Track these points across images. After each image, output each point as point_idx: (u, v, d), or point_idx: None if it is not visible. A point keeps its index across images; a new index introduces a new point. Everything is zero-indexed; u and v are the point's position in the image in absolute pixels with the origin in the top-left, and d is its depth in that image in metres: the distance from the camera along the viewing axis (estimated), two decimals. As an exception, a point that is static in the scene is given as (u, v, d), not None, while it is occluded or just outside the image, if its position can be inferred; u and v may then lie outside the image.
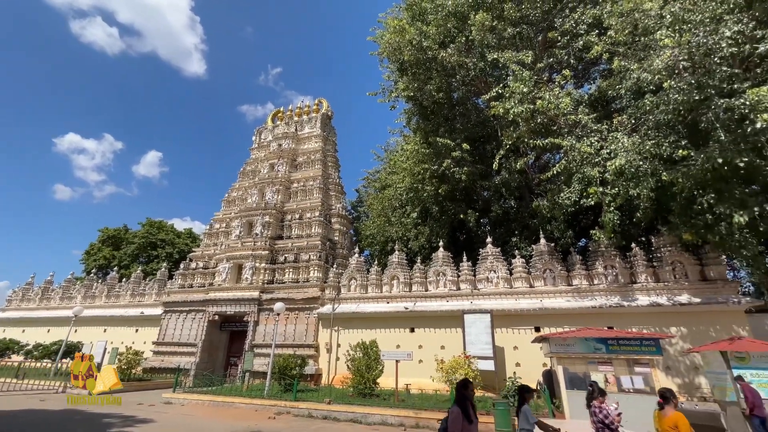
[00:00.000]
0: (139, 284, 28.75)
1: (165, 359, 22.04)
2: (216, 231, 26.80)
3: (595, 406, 6.10)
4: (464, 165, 19.31)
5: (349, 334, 19.14)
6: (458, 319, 16.41)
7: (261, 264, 22.69)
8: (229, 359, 22.71)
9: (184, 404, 14.05)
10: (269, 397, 14.07)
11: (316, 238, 23.37)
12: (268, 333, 20.43)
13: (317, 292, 20.81)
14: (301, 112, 31.29)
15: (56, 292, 31.32)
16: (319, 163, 27.42)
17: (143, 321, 25.70)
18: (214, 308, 22.19)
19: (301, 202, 25.62)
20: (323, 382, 18.41)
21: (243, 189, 28.18)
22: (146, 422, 10.49)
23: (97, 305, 28.24)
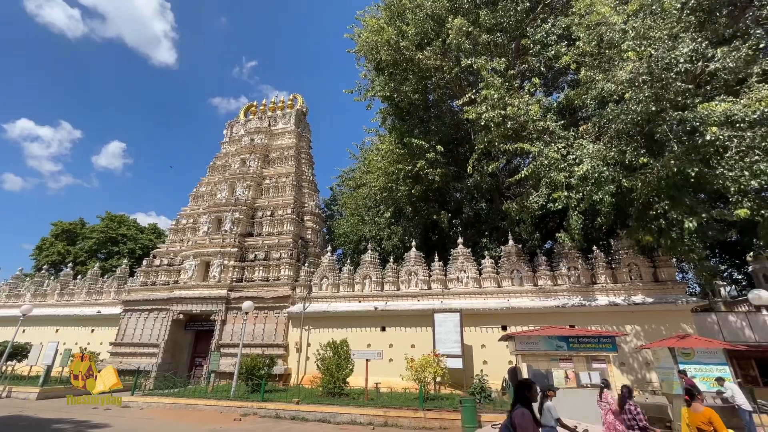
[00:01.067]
0: (96, 282, 27.19)
1: (123, 360, 20.95)
2: (183, 227, 25.77)
3: (630, 404, 6.52)
4: (438, 166, 19.58)
5: (319, 333, 18.95)
6: (429, 318, 16.63)
7: (230, 261, 22.05)
8: (194, 360, 21.91)
9: (143, 408, 13.42)
10: (235, 398, 13.70)
11: (287, 236, 22.97)
12: (236, 332, 19.88)
13: (288, 291, 20.46)
14: (275, 107, 30.63)
15: (2, 289, 29.05)
16: (293, 160, 26.96)
17: (100, 321, 24.33)
18: (179, 307, 21.34)
19: (273, 199, 25.10)
20: (292, 382, 18.13)
21: (212, 184, 27.24)
22: (101, 427, 9.93)
23: (49, 304, 26.46)
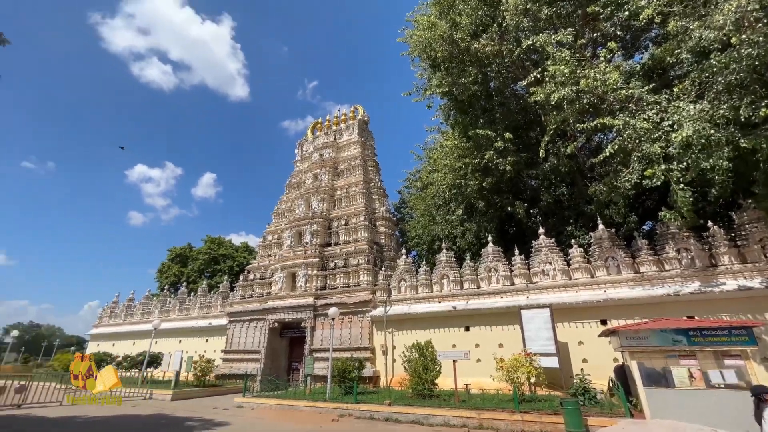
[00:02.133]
0: (206, 297, 31.02)
1: (233, 366, 23.53)
2: (269, 243, 28.19)
3: None
4: (508, 155, 18.58)
5: (402, 335, 19.15)
6: (515, 315, 15.76)
7: (313, 271, 23.48)
8: (291, 364, 23.71)
9: (254, 408, 14.87)
10: (331, 400, 14.46)
11: (362, 243, 23.73)
12: (324, 337, 21.05)
13: (368, 296, 21.08)
14: (339, 120, 32.05)
15: (137, 308, 34.75)
16: (360, 169, 27.87)
17: (211, 331, 27.66)
18: (273, 316, 23.31)
19: (346, 209, 26.18)
20: (381, 384, 18.57)
21: (290, 201, 29.40)
22: (223, 425, 11.28)
23: (172, 318, 30.87)
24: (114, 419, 12.31)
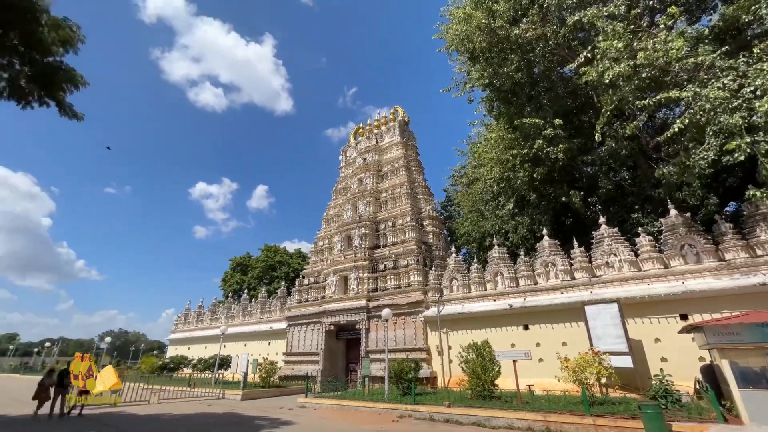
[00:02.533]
0: (266, 303, 32.78)
1: (294, 368, 24.61)
2: (320, 248, 29.15)
3: None
4: (559, 143, 17.53)
5: (457, 335, 18.79)
6: (577, 311, 14.79)
7: (363, 274, 23.86)
8: (348, 365, 24.26)
9: (317, 408, 15.40)
10: (389, 400, 14.56)
11: (410, 243, 23.68)
12: (379, 339, 21.27)
13: (420, 296, 20.97)
14: (379, 123, 32.35)
15: (206, 314, 37.63)
16: (404, 170, 27.88)
17: (272, 335, 29.15)
18: (329, 319, 24.03)
19: (392, 210, 26.31)
20: (439, 385, 18.34)
21: (338, 206, 30.18)
22: (289, 424, 11.82)
23: (237, 323, 33.02)
24: (194, 417, 13.44)
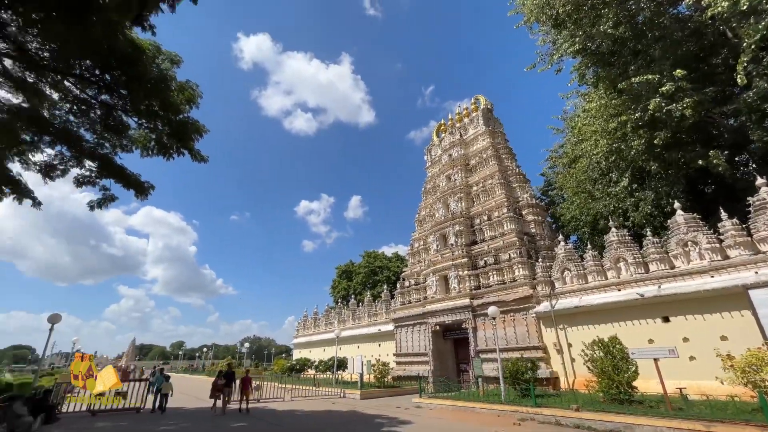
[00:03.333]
0: (371, 306, 34.34)
1: (406, 368, 25.13)
2: (417, 249, 29.40)
3: None
4: (683, 96, 14.61)
5: (577, 331, 16.92)
6: (738, 297, 12.00)
7: (463, 272, 23.25)
8: (458, 365, 23.82)
9: (432, 408, 15.43)
10: (507, 402, 13.79)
11: (510, 236, 22.28)
12: (489, 338, 20.41)
13: (528, 291, 19.52)
14: (461, 116, 31.41)
15: (321, 320, 41.12)
16: (493, 159, 26.50)
17: (381, 336, 30.32)
18: (434, 319, 23.98)
19: (486, 203, 25.17)
20: (562, 386, 16.71)
21: (429, 206, 30.11)
22: (408, 423, 12.08)
23: (348, 327, 35.28)
24: (322, 413, 14.75)
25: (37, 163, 13.72)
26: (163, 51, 12.83)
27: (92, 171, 14.07)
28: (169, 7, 9.69)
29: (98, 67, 11.64)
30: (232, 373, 15.40)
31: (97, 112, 13.20)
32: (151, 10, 9.50)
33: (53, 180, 13.93)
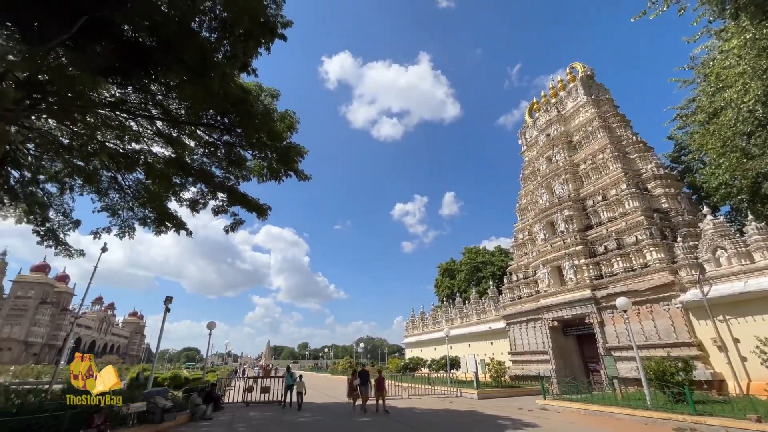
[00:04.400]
0: (479, 303, 33.25)
1: (524, 367, 23.59)
2: (521, 241, 27.49)
3: None
4: None
5: (745, 323, 13.70)
6: None
7: (579, 261, 20.88)
8: (586, 365, 21.40)
9: (560, 411, 14.15)
10: (655, 408, 11.82)
11: (635, 215, 19.23)
12: (620, 333, 17.90)
13: (667, 277, 16.54)
14: (556, 91, 28.46)
15: (429, 319, 41.40)
16: (601, 131, 23.31)
17: (492, 334, 29.09)
18: (550, 314, 22.04)
19: (598, 182, 22.24)
20: (731, 391, 13.64)
21: (529, 193, 27.93)
22: (533, 426, 11.30)
23: (456, 326, 34.77)
24: (441, 412, 14.78)
25: (185, 200, 16.93)
26: (264, 88, 14.62)
27: (224, 201, 16.73)
28: (265, 50, 11.01)
29: (219, 113, 13.83)
30: (366, 372, 15.25)
31: (221, 151, 15.70)
32: (252, 56, 10.94)
33: (198, 212, 17.02)
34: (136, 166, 15.15)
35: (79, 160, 14.65)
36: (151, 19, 10.08)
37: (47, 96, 11.50)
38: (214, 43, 10.90)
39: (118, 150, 14.78)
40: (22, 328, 70.91)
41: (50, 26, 10.21)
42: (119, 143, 14.96)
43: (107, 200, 16.46)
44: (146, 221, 16.80)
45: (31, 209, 15.61)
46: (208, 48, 10.53)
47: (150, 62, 11.25)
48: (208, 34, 11.09)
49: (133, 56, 11.02)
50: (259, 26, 10.28)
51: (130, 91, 13.42)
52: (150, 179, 15.30)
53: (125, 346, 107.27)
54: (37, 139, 14.51)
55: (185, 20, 10.07)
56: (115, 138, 14.76)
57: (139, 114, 14.03)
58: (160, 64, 10.99)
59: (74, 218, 16.77)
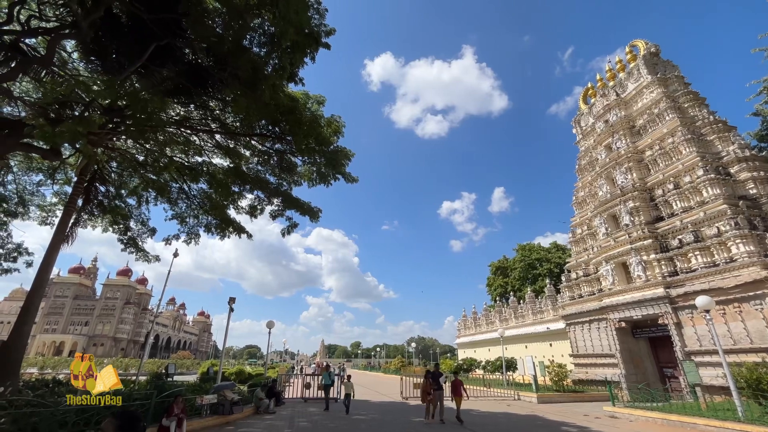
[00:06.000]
0: (535, 303, 31.71)
1: (588, 371, 22.05)
2: (580, 236, 25.77)
3: None
4: None
5: None
6: None
7: (649, 256, 19.09)
8: (661, 370, 19.49)
9: (632, 420, 13.03)
10: (749, 420, 10.44)
11: (716, 203, 17.18)
12: (702, 336, 16.08)
13: (759, 273, 14.57)
14: (614, 73, 26.32)
15: (481, 319, 40.26)
16: (670, 112, 21.14)
17: (551, 335, 27.57)
18: (616, 315, 20.39)
19: (668, 169, 20.18)
20: None
21: (587, 185, 26.10)
22: (600, 435, 10.52)
23: (511, 326, 33.45)
24: (499, 415, 14.27)
25: (243, 207, 18.08)
26: (311, 95, 15.16)
27: (279, 206, 17.61)
28: (310, 59, 11.42)
29: (270, 123, 14.59)
30: (440, 373, 12.68)
31: (274, 159, 16.54)
32: (299, 66, 11.40)
33: (256, 218, 18.07)
34: (201, 177, 16.47)
35: (153, 174, 16.24)
36: (208, 41, 10.91)
37: (125, 119, 12.90)
38: (263, 57, 11.53)
39: (183, 163, 16.18)
40: (112, 326, 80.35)
41: (125, 56, 11.46)
42: (184, 157, 16.38)
43: (177, 209, 18.08)
44: (210, 228, 18.19)
45: (116, 220, 17.61)
46: (258, 62, 11.16)
47: (208, 80, 12.18)
48: (258, 49, 11.76)
49: (194, 76, 12.01)
50: (304, 37, 10.68)
51: (192, 108, 14.63)
52: (213, 188, 16.57)
53: (195, 342, 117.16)
54: (118, 158, 16.34)
55: (237, 38, 10.76)
56: (181, 152, 16.18)
57: (200, 129, 15.26)
58: (217, 81, 11.86)
59: (151, 227, 18.66)
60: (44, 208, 17.36)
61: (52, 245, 12.95)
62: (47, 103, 10.60)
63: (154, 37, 10.53)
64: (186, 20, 10.44)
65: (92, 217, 17.27)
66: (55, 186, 17.19)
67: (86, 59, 12.66)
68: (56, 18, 11.35)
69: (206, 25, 10.64)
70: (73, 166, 16.02)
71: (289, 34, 10.04)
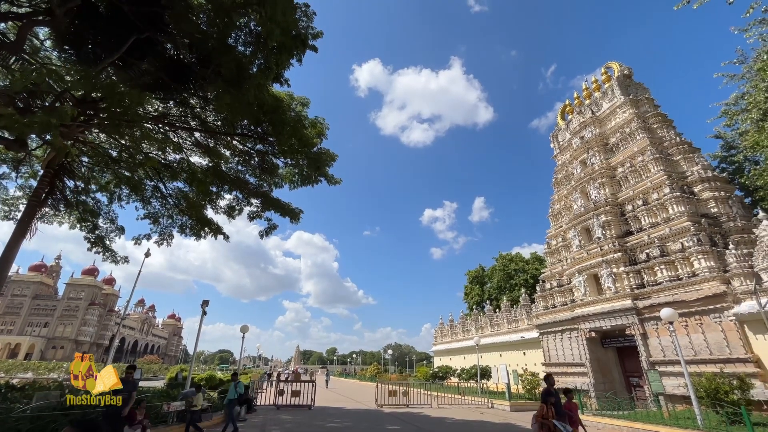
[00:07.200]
0: (510, 312, 32.28)
1: (559, 380, 22.53)
2: (555, 248, 26.53)
3: None
4: None
5: (814, 339, 12.43)
6: None
7: (618, 268, 19.84)
8: (628, 380, 20.18)
9: (600, 428, 13.39)
10: (707, 429, 10.94)
11: (680, 220, 18.09)
12: (666, 347, 16.77)
13: (718, 287, 15.39)
14: (590, 92, 27.47)
15: (458, 327, 40.59)
16: (641, 132, 22.20)
17: (524, 344, 28.10)
18: (587, 325, 21.02)
19: (638, 186, 21.13)
20: (798, 415, 12.39)
21: (563, 198, 26.97)
22: (569, 442, 10.73)
23: (487, 334, 33.89)
24: (473, 423, 14.36)
25: (221, 207, 17.64)
26: (295, 97, 15.06)
27: (258, 207, 17.30)
28: (297, 61, 11.37)
29: (253, 123, 14.37)
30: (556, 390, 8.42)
31: (255, 160, 16.27)
32: (285, 67, 11.32)
33: (234, 218, 17.66)
34: (179, 175, 15.99)
35: (126, 171, 15.65)
36: (192, 37, 10.69)
37: (99, 112, 12.41)
38: (249, 56, 11.38)
39: (160, 161, 15.68)
40: (74, 327, 76.14)
41: (102, 47, 11.06)
42: (161, 154, 15.88)
43: (150, 208, 17.45)
44: (185, 228, 17.63)
45: (83, 216, 16.81)
46: (243, 61, 11.01)
47: (190, 77, 11.90)
48: (243, 48, 11.60)
49: (175, 72, 11.71)
50: (291, 39, 10.63)
51: (171, 105, 14.25)
52: (193, 186, 16.09)
53: (164, 346, 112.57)
54: (89, 152, 15.67)
55: (222, 36, 10.59)
56: (158, 149, 15.68)
57: (179, 126, 14.85)
58: (199, 78, 11.61)
59: (119, 225, 17.91)
60: (7, 201, 16.40)
61: (12, 241, 12.22)
62: (15, 91, 10.07)
63: (134, 30, 10.23)
64: (169, 14, 10.20)
65: (57, 212, 16.43)
66: (19, 179, 16.29)
67: (60, 48, 12.14)
68: (29, 3, 10.86)
69: (190, 20, 10.43)
70: (40, 159, 15.24)
71: (275, 34, 9.96)
